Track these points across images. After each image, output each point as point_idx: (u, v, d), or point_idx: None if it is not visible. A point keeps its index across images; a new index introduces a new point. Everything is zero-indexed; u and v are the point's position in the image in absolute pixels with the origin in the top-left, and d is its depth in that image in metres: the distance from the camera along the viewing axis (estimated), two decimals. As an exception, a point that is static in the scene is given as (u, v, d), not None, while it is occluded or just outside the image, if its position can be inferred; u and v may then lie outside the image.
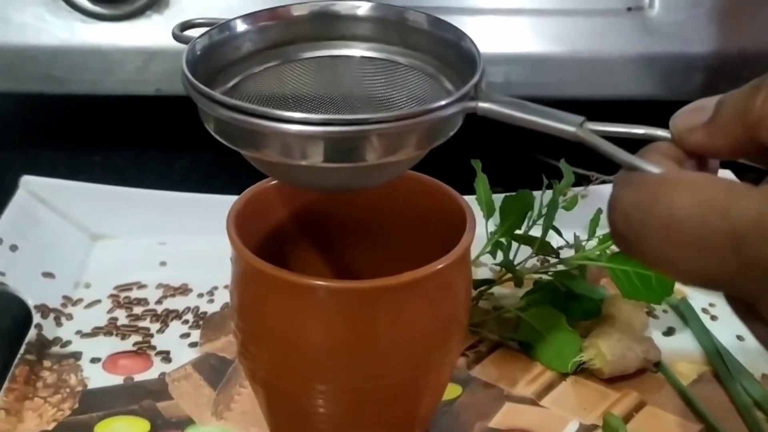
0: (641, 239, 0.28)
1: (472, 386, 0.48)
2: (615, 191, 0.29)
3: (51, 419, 0.45)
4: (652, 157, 0.30)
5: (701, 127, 0.30)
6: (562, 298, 0.51)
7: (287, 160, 0.34)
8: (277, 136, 0.33)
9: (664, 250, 0.27)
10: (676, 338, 0.53)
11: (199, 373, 0.49)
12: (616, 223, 0.28)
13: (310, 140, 0.33)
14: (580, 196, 0.57)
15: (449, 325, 0.40)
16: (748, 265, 0.26)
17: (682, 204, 0.27)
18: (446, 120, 0.35)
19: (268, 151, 0.34)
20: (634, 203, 0.28)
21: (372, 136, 0.33)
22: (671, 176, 0.28)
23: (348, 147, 0.34)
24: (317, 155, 0.34)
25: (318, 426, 0.41)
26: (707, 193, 0.27)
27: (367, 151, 0.34)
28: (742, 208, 0.26)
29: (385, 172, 0.37)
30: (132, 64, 0.66)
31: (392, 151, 0.34)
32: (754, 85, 0.28)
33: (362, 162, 0.34)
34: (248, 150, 0.35)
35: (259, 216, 0.43)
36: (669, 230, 0.27)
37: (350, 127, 0.33)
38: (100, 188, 0.62)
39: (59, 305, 0.53)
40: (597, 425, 0.46)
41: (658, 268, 0.28)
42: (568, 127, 0.32)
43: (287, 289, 0.38)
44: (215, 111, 0.34)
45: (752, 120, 0.28)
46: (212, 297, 0.55)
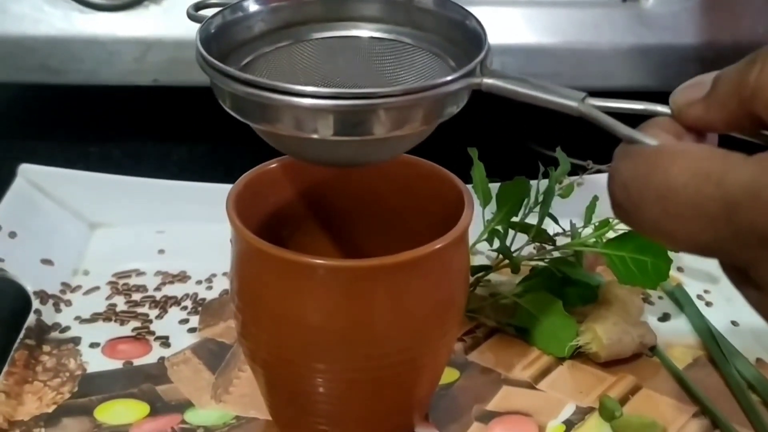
0: (639, 209, 0.28)
1: (470, 370, 0.49)
2: (614, 163, 0.30)
3: (51, 402, 0.45)
4: (651, 131, 0.30)
5: (699, 102, 0.30)
6: (559, 284, 0.52)
7: (298, 133, 0.35)
8: (289, 109, 0.34)
9: (661, 219, 0.28)
10: (672, 323, 0.53)
11: (198, 358, 0.49)
12: (615, 194, 0.29)
13: (320, 113, 0.34)
14: (576, 184, 0.57)
15: (447, 306, 0.41)
16: (741, 231, 0.26)
17: (677, 173, 0.27)
18: (452, 95, 0.35)
19: (280, 125, 0.35)
20: (633, 174, 0.28)
21: (380, 109, 0.34)
22: (668, 147, 0.29)
23: (356, 120, 0.34)
24: (327, 128, 0.34)
25: (317, 406, 0.42)
26: (702, 162, 0.27)
27: (375, 124, 0.34)
28: (736, 177, 0.26)
29: (392, 147, 0.38)
30: (129, 55, 0.67)
31: (399, 125, 0.35)
32: (749, 59, 0.29)
33: (370, 135, 0.35)
34: (261, 124, 0.36)
35: (259, 199, 0.43)
36: (665, 199, 0.28)
37: (359, 101, 0.34)
38: (98, 177, 0.62)
39: (58, 292, 0.53)
40: (593, 408, 0.46)
41: (656, 237, 0.29)
42: (571, 102, 0.33)
43: (287, 268, 0.38)
44: (230, 86, 0.35)
45: (747, 93, 0.28)
46: (210, 284, 0.56)
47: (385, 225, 0.46)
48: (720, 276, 0.57)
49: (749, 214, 0.26)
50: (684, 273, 0.57)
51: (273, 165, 0.44)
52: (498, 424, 0.45)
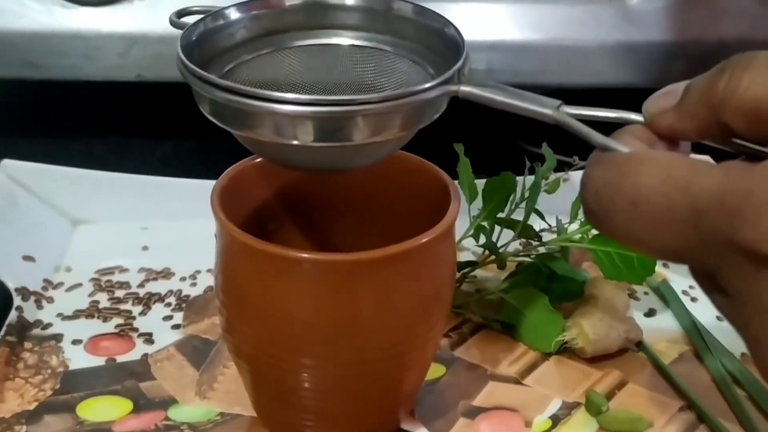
0: (610, 215, 0.29)
1: (456, 366, 0.49)
2: (587, 170, 0.30)
3: (32, 399, 0.45)
4: (624, 139, 0.31)
5: (671, 110, 0.31)
6: (545, 280, 0.52)
7: (278, 139, 0.35)
8: (268, 115, 0.34)
9: (631, 226, 0.28)
10: (657, 319, 0.53)
11: (182, 354, 0.49)
12: (587, 201, 0.30)
13: (299, 120, 0.34)
14: (561, 180, 0.57)
15: (434, 300, 0.40)
16: (707, 238, 0.27)
17: (646, 180, 0.28)
18: (429, 102, 0.36)
19: (260, 131, 0.35)
20: (604, 181, 0.29)
21: (358, 116, 0.34)
22: (638, 154, 0.29)
23: (335, 127, 0.35)
24: (306, 134, 0.35)
25: (303, 402, 0.41)
26: (671, 169, 0.28)
27: (353, 131, 0.35)
28: (702, 184, 0.27)
29: (371, 153, 0.38)
30: (113, 50, 0.66)
31: (377, 131, 0.35)
32: (718, 68, 0.29)
33: (349, 142, 0.35)
34: (241, 130, 0.36)
35: (243, 194, 0.43)
36: (635, 206, 0.28)
37: (337, 108, 0.34)
38: (80, 173, 0.61)
39: (40, 288, 0.53)
40: (579, 403, 0.46)
41: (627, 243, 0.29)
42: (546, 110, 0.33)
43: (272, 263, 0.38)
44: (210, 92, 0.35)
45: (716, 102, 0.29)
46: (195, 280, 0.55)
47: (372, 220, 0.46)
48: (705, 272, 0.57)
49: (715, 221, 0.26)
50: (669, 269, 0.57)
51: (258, 160, 0.43)
52: (484, 420, 0.45)
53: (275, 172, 0.44)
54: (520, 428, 0.44)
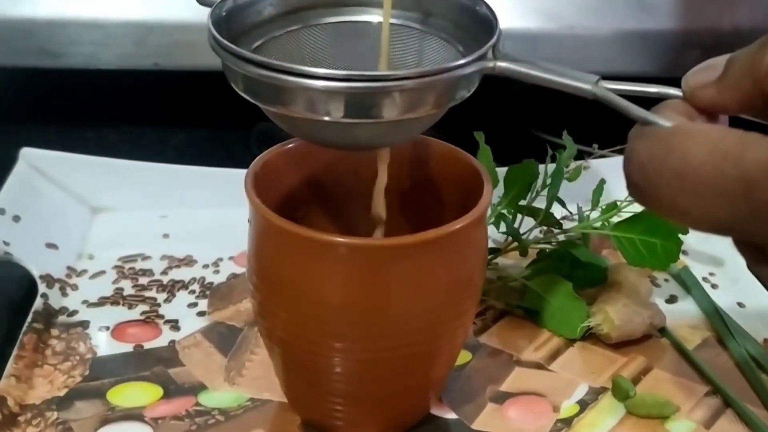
0: (656, 188, 0.29)
1: (481, 352, 0.49)
2: (630, 144, 0.31)
3: (62, 385, 0.45)
4: (665, 113, 0.31)
5: (712, 84, 0.31)
6: (568, 267, 0.52)
7: (311, 115, 0.35)
8: (302, 91, 0.34)
9: (678, 198, 0.29)
10: (679, 305, 0.54)
11: (209, 341, 0.49)
12: (631, 174, 0.30)
13: (333, 96, 0.34)
14: (582, 168, 0.57)
15: (466, 287, 0.41)
16: (759, 209, 0.27)
17: (695, 153, 0.28)
18: (464, 79, 0.36)
19: (294, 107, 0.35)
20: (649, 154, 0.29)
21: (393, 92, 0.34)
22: (685, 127, 0.30)
23: (369, 103, 0.34)
24: (339, 111, 0.35)
25: (334, 386, 0.41)
26: (720, 142, 0.28)
27: (387, 107, 0.35)
28: (753, 156, 0.27)
29: (404, 130, 0.38)
30: (129, 38, 0.66)
31: (412, 108, 0.35)
32: (763, 41, 0.29)
33: (382, 118, 0.35)
34: (274, 106, 0.36)
35: (275, 180, 0.43)
36: (683, 178, 0.28)
37: (372, 83, 0.34)
38: (99, 161, 0.61)
39: (64, 276, 0.53)
40: (606, 388, 0.46)
41: (672, 216, 0.30)
42: (584, 85, 0.34)
43: (307, 247, 0.38)
44: (243, 68, 0.35)
45: (761, 74, 0.29)
46: (217, 268, 0.55)
47: (402, 206, 0.46)
48: (725, 259, 0.58)
49: (767, 192, 0.26)
50: (689, 256, 0.58)
51: (290, 145, 0.43)
52: (512, 405, 0.45)
53: (306, 158, 0.44)
54: (548, 413, 0.45)
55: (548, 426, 0.44)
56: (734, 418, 0.44)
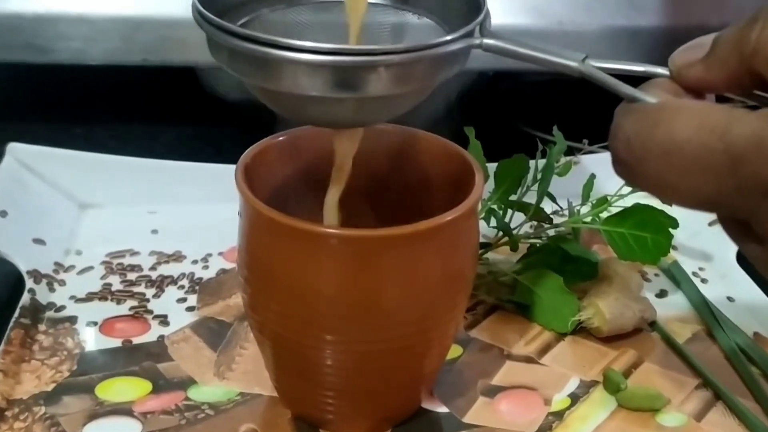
0: (642, 164, 0.29)
1: (472, 346, 0.49)
2: (616, 120, 0.31)
3: (50, 381, 0.44)
4: (652, 91, 0.31)
5: (699, 62, 0.31)
6: (558, 261, 0.52)
7: (296, 89, 0.34)
8: (288, 65, 0.34)
9: (665, 173, 0.29)
10: (669, 300, 0.54)
11: (198, 336, 0.48)
12: (617, 150, 0.30)
13: (319, 69, 0.34)
14: (572, 163, 0.57)
15: (457, 279, 0.41)
16: (745, 183, 0.27)
17: (682, 128, 0.28)
18: (452, 55, 0.36)
19: (278, 82, 0.34)
20: (636, 129, 0.29)
21: (380, 66, 0.34)
22: (671, 103, 0.30)
23: (356, 77, 0.34)
24: (325, 85, 0.34)
25: (325, 379, 0.41)
26: (706, 116, 0.28)
27: (373, 82, 0.34)
28: (740, 129, 0.27)
29: (389, 107, 0.38)
30: (118, 33, 0.66)
31: (398, 83, 0.35)
32: (750, 18, 0.30)
33: (368, 93, 0.35)
34: (259, 81, 0.35)
35: (265, 173, 0.43)
36: (669, 153, 0.28)
37: (358, 57, 0.34)
38: (87, 156, 0.61)
39: (51, 271, 0.52)
40: (597, 381, 0.46)
41: (658, 192, 0.30)
42: (571, 62, 0.34)
43: (298, 238, 0.38)
44: (228, 42, 0.34)
45: (748, 50, 0.29)
46: (207, 263, 0.55)
47: (393, 199, 0.46)
48: (714, 254, 0.58)
49: (753, 166, 0.27)
50: (678, 251, 0.58)
51: (281, 138, 0.43)
52: (504, 398, 0.45)
53: (297, 150, 0.44)
54: (540, 406, 0.45)
55: (540, 419, 0.44)
56: (725, 411, 0.45)
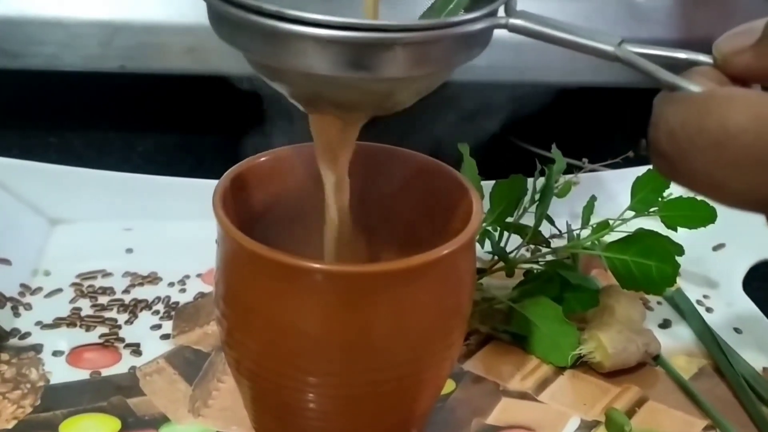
0: (688, 158, 0.27)
1: (466, 381, 0.46)
2: (658, 110, 0.28)
3: (11, 417, 0.41)
4: (695, 79, 0.29)
5: (749, 49, 0.29)
6: (557, 289, 0.49)
7: (304, 68, 0.31)
8: (295, 40, 0.30)
9: (714, 168, 0.26)
10: (673, 331, 0.51)
11: (172, 367, 0.45)
12: (659, 142, 0.28)
13: (330, 46, 0.30)
14: (572, 184, 0.54)
15: (453, 316, 0.38)
16: None
17: (736, 118, 0.26)
18: (474, 36, 0.33)
19: (284, 58, 0.31)
20: (682, 120, 0.27)
21: (397, 45, 0.31)
22: (723, 92, 0.27)
23: (370, 56, 0.31)
24: (335, 63, 0.31)
25: (308, 423, 0.38)
26: (764, 106, 0.26)
27: (390, 62, 0.31)
28: None
29: (403, 92, 0.34)
30: (94, 38, 0.62)
31: (416, 64, 0.31)
32: None
33: (383, 74, 0.31)
34: (263, 58, 0.32)
35: (244, 197, 0.40)
36: (720, 147, 0.26)
37: (375, 34, 0.30)
38: (58, 169, 0.58)
39: (17, 294, 0.49)
40: (599, 421, 0.43)
41: (705, 189, 0.27)
42: (606, 46, 0.31)
43: (280, 272, 0.35)
44: (230, 13, 0.31)
45: None
46: (184, 286, 0.52)
47: (383, 225, 0.43)
48: (719, 280, 0.55)
49: None
50: (681, 277, 0.55)
51: (262, 159, 0.40)
52: (499, 440, 0.42)
53: (279, 172, 0.41)
54: (538, 449, 0.42)
55: (538, 464, 0.41)
56: (735, 455, 0.42)
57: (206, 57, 0.65)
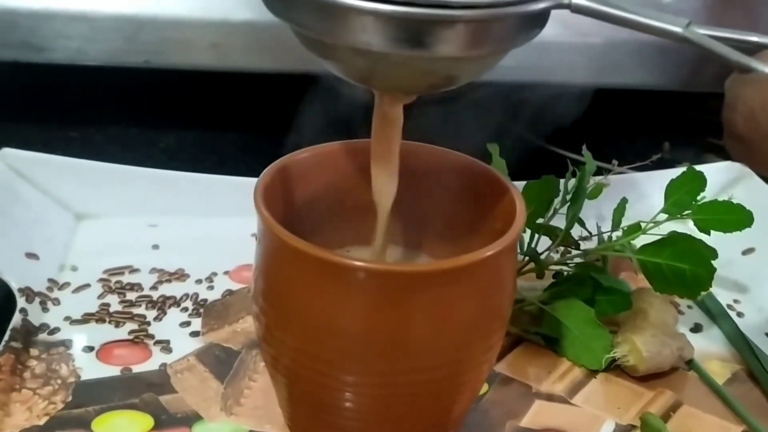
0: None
1: (499, 382, 0.45)
2: (735, 92, 0.28)
3: (42, 413, 0.41)
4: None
5: None
6: (590, 291, 0.49)
7: (361, 44, 0.31)
8: (355, 14, 0.30)
9: None
10: (705, 335, 0.50)
11: (203, 365, 0.45)
12: (735, 124, 0.27)
13: (390, 21, 0.30)
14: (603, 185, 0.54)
15: (494, 318, 0.37)
16: None
17: None
18: (535, 16, 0.33)
19: (340, 34, 0.31)
20: (762, 101, 0.26)
21: (459, 22, 0.30)
22: None
23: (429, 33, 0.30)
24: (394, 40, 0.30)
25: (344, 422, 0.38)
26: None
27: (449, 40, 0.31)
28: None
29: (458, 73, 0.34)
30: (120, 33, 0.62)
31: (475, 44, 0.31)
32: None
33: (442, 52, 0.31)
34: (320, 33, 0.31)
35: (285, 193, 0.39)
36: None
37: (436, 10, 0.30)
38: (84, 164, 0.57)
39: (44, 289, 0.49)
40: (634, 425, 0.43)
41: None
42: (674, 28, 0.31)
43: (323, 269, 0.34)
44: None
45: None
46: (212, 283, 0.51)
47: (422, 223, 0.42)
48: (749, 285, 0.55)
49: None
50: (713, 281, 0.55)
51: (303, 155, 0.40)
52: (535, 443, 0.42)
53: (319, 168, 0.40)
54: (573, 452, 0.41)
55: (574, 467, 0.41)
56: (772, 461, 0.41)
57: (230, 53, 0.65)
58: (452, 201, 0.41)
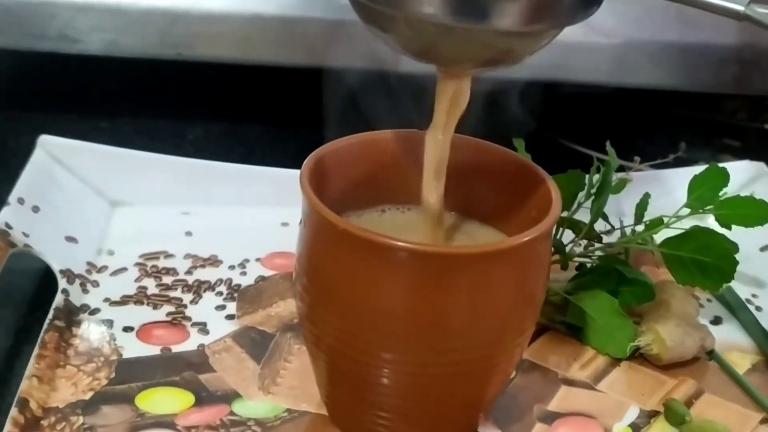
0: None
1: (526, 368, 0.47)
2: None
3: (87, 388, 0.42)
4: None
5: None
6: (614, 283, 0.50)
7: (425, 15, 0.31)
8: None
9: None
10: (724, 327, 0.52)
11: (239, 346, 0.46)
12: None
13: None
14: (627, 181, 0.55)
15: (528, 304, 0.39)
16: None
17: None
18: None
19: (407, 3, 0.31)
20: None
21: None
22: None
23: (494, 5, 0.31)
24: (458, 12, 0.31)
25: (381, 399, 0.39)
26: None
27: (513, 12, 0.31)
28: None
29: (518, 47, 0.34)
30: (154, 26, 0.63)
31: (537, 18, 0.32)
32: None
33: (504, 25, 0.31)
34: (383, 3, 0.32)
35: (328, 177, 0.40)
36: None
37: None
38: (118, 152, 0.58)
39: (84, 271, 0.50)
40: (658, 411, 0.44)
41: None
42: (736, 6, 0.32)
43: (366, 249, 0.36)
44: None
45: None
46: (244, 269, 0.53)
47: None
48: (766, 281, 0.56)
49: None
50: (731, 275, 0.56)
51: (345, 142, 0.41)
52: (562, 425, 0.43)
53: (361, 155, 0.42)
54: (600, 436, 0.43)
55: (600, 449, 0.42)
56: (792, 448, 0.43)
57: (261, 48, 0.66)
58: (492, 190, 0.42)
